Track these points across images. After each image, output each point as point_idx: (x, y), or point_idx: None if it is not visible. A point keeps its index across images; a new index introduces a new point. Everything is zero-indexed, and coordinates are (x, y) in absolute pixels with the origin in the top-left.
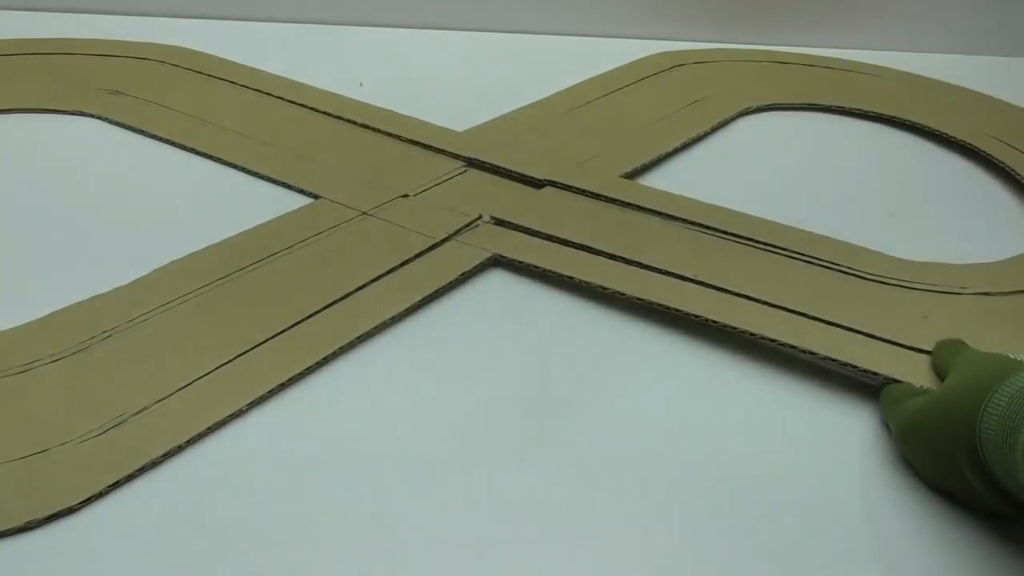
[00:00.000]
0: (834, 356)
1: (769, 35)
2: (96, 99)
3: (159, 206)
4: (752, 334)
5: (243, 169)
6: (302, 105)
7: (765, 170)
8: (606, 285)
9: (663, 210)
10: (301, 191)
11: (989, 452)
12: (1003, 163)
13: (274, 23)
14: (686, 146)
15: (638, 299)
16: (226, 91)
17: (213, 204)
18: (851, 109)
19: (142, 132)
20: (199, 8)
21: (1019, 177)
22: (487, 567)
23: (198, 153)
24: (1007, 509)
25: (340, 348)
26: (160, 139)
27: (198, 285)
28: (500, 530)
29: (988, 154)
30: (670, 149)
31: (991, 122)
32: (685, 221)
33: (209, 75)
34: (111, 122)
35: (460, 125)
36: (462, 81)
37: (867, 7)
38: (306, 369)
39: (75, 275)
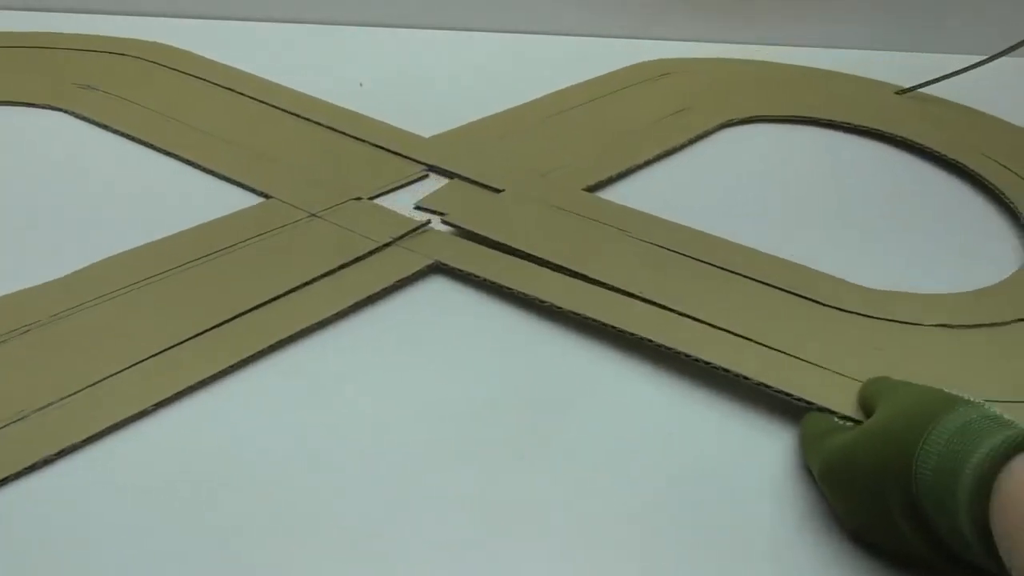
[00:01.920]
0: (768, 383)
1: (767, 32)
2: (67, 94)
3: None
4: (687, 356)
5: (200, 167)
6: (273, 106)
7: (741, 184)
8: (543, 298)
9: (618, 225)
10: (253, 191)
11: (926, 494)
12: (993, 185)
13: (274, 23)
14: (659, 158)
15: (574, 314)
16: (198, 89)
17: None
18: (840, 123)
19: (105, 127)
20: (199, 8)
21: (1008, 201)
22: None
23: (157, 150)
24: (938, 560)
25: (262, 350)
26: (122, 135)
27: (130, 281)
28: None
29: (979, 175)
30: (641, 162)
31: (986, 140)
32: (642, 239)
33: (185, 73)
34: (78, 117)
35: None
36: (464, 81)
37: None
38: (226, 368)
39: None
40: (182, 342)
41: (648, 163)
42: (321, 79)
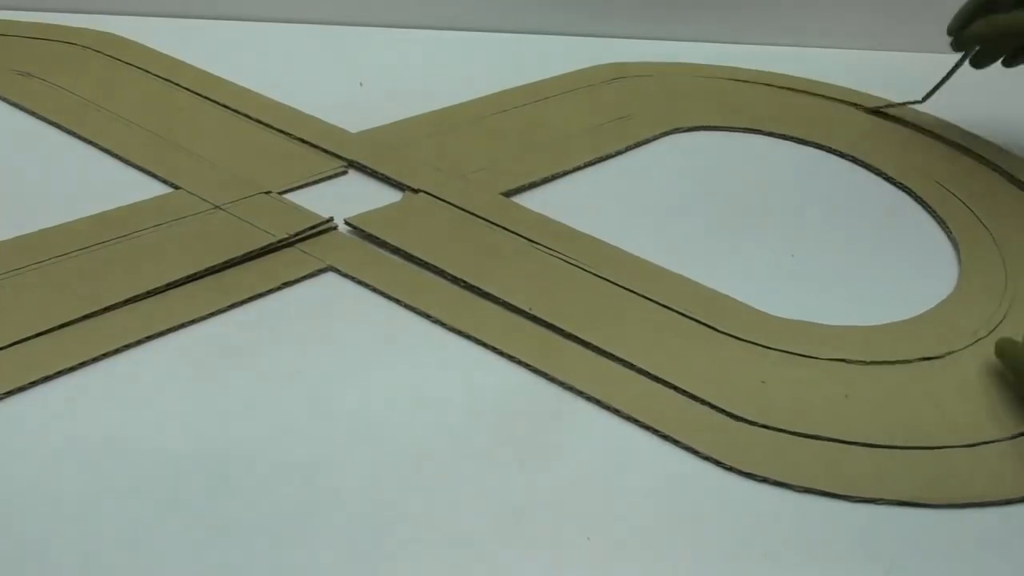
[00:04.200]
0: (638, 417)
1: (746, 32)
2: (4, 80)
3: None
4: (563, 383)
5: (116, 156)
6: (205, 97)
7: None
8: (431, 313)
9: (528, 235)
10: (164, 181)
11: None
12: (940, 217)
13: (273, 23)
14: (591, 164)
15: (459, 332)
16: (134, 79)
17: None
18: (790, 136)
19: (33, 114)
20: (199, 8)
21: (947, 229)
22: None
23: (79, 137)
24: None
25: (124, 346)
26: (48, 121)
27: (17, 265)
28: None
29: (928, 204)
30: (570, 167)
31: (942, 167)
32: (547, 248)
33: (125, 63)
34: (10, 103)
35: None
36: (465, 81)
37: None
38: (86, 361)
39: None
40: (51, 330)
41: (578, 169)
42: (321, 79)
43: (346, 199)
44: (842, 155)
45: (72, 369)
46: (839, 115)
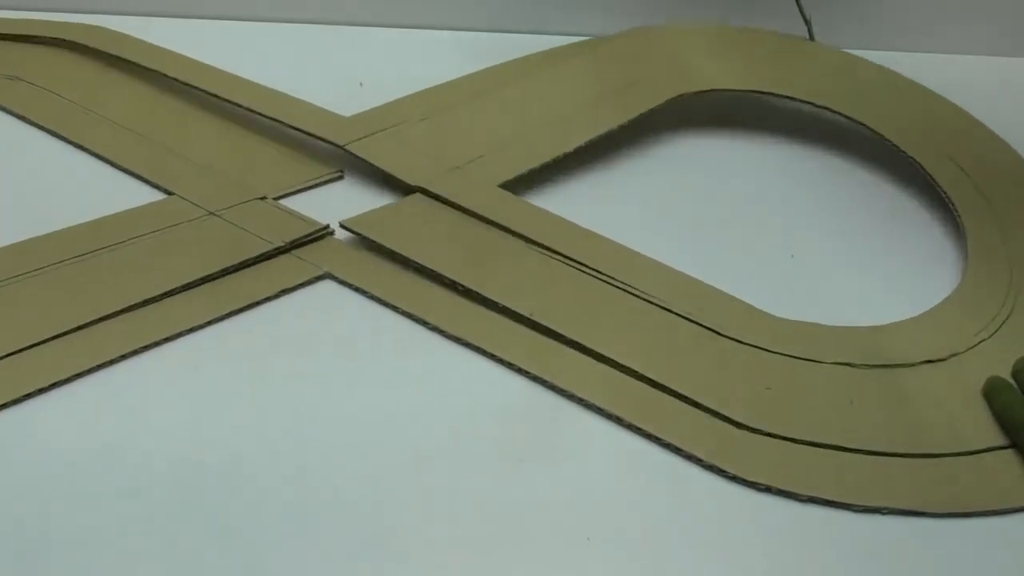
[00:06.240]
0: (638, 424)
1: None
2: None
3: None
4: (563, 390)
5: (110, 162)
6: (202, 90)
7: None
8: (428, 319)
9: (528, 233)
10: (158, 187)
11: None
12: (947, 195)
13: (273, 23)
14: (592, 144)
15: (457, 339)
16: (126, 80)
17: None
18: (802, 100)
19: (23, 119)
20: (198, 8)
21: (956, 215)
22: None
23: (71, 143)
24: None
25: (119, 356)
26: (39, 127)
27: (10, 274)
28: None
29: (936, 181)
30: (571, 149)
31: (958, 143)
32: (547, 250)
33: (117, 59)
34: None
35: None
36: None
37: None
38: (70, 377)
39: None
40: (45, 341)
41: (580, 151)
42: (321, 79)
43: (342, 204)
44: (849, 119)
45: (67, 381)
46: (853, 77)
